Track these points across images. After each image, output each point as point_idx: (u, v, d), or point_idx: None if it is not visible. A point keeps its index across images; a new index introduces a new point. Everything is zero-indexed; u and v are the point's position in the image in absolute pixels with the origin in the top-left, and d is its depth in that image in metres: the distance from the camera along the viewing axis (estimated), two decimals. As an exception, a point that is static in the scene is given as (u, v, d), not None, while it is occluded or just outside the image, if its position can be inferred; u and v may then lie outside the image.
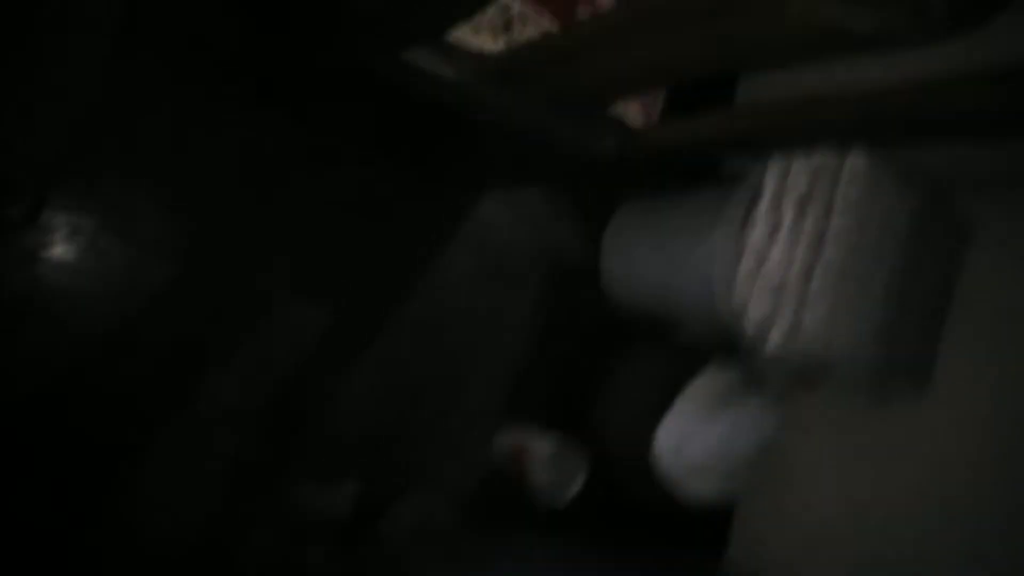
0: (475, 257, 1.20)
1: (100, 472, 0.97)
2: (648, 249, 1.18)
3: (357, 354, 1.13)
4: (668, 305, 1.14)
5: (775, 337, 0.94)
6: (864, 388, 1.02)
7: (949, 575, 0.94)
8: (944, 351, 1.02)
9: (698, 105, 1.03)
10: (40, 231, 0.94)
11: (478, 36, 1.05)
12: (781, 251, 0.95)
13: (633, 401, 1.16)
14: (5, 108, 0.92)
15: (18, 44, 0.92)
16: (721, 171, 1.22)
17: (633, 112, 1.19)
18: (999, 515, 0.92)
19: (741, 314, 0.96)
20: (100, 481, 0.97)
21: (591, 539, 1.17)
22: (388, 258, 1.16)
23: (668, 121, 1.21)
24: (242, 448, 1.04)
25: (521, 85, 0.94)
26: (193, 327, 1.02)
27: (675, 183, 1.21)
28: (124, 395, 0.98)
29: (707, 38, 0.66)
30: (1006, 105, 0.66)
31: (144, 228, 0.99)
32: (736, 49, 0.67)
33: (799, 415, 1.16)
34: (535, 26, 1.12)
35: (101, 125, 0.96)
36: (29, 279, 0.94)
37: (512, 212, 1.22)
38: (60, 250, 0.95)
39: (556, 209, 1.26)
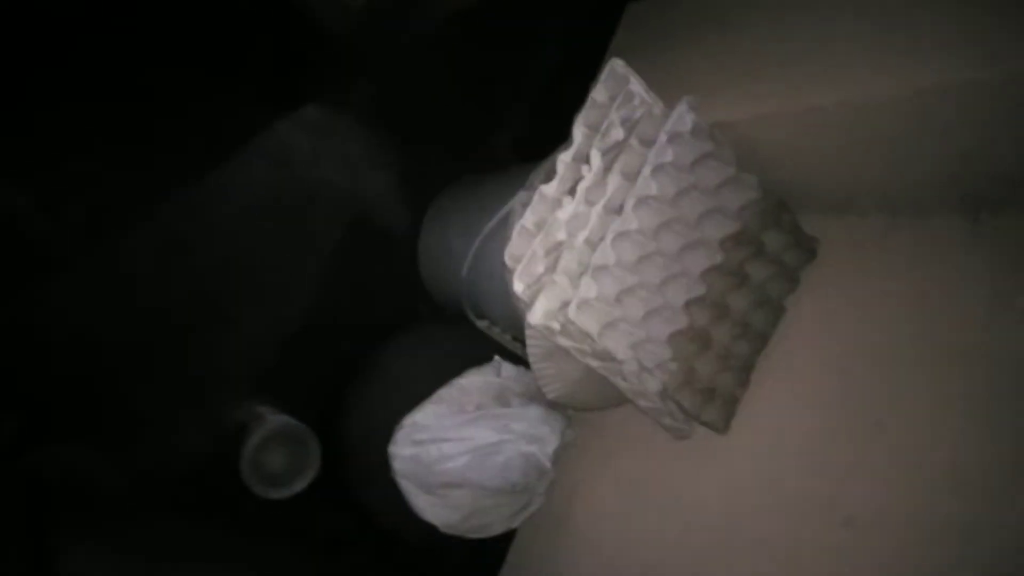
0: (263, 187, 1.00)
1: None
2: (458, 227, 0.99)
3: (76, 265, 0.91)
4: (473, 291, 0.93)
5: (541, 306, 0.73)
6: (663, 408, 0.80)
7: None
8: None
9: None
10: None
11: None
12: (572, 210, 0.76)
13: (390, 392, 0.93)
14: None
15: None
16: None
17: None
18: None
19: (511, 276, 0.75)
20: None
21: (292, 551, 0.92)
22: (149, 159, 0.96)
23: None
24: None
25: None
26: None
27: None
28: None
29: None
30: None
31: None
32: None
33: (597, 435, 0.93)
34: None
35: None
36: None
37: (325, 144, 1.03)
38: None
39: (379, 157, 1.07)
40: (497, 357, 0.92)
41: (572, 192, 0.77)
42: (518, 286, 0.73)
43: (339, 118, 1.04)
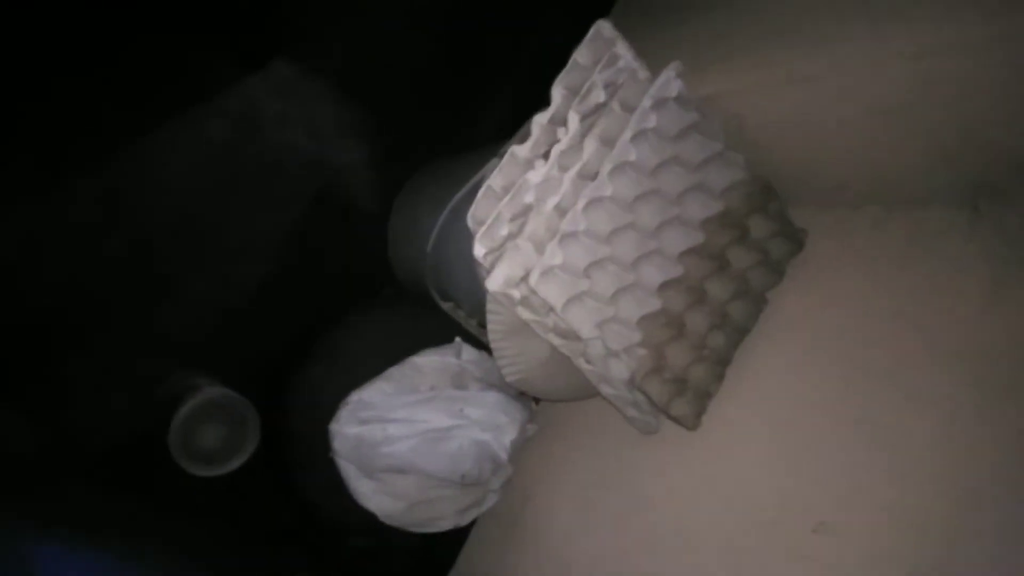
0: (221, 146, 0.94)
1: None
2: (428, 203, 0.93)
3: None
4: (438, 270, 0.87)
5: (502, 271, 0.67)
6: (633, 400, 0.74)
7: None
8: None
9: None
10: None
11: None
12: (544, 173, 0.70)
13: (339, 370, 0.86)
14: None
15: None
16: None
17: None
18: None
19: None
20: None
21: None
22: (98, 109, 0.90)
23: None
24: None
25: None
26: None
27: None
28: None
29: None
30: None
31: None
32: None
33: (560, 430, 0.86)
34: None
35: None
36: None
37: (296, 108, 0.97)
38: None
39: (353, 129, 1.01)
40: (458, 339, 0.86)
41: (546, 157, 0.72)
42: (479, 250, 0.67)
43: (314, 83, 0.98)
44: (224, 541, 0.91)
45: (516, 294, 0.66)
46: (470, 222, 0.69)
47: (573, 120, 0.72)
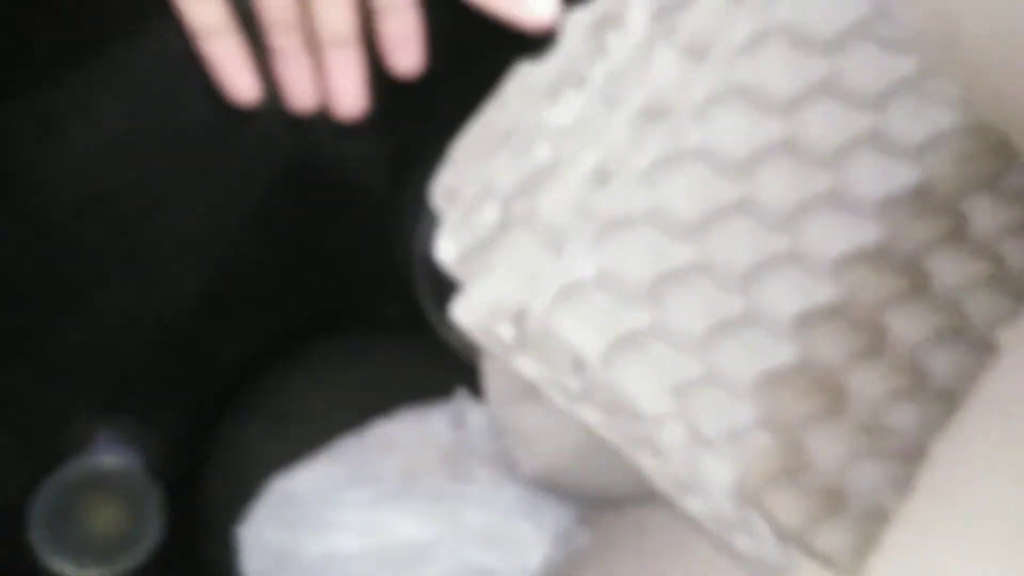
0: (170, 101, 0.67)
1: None
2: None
3: None
4: (437, 271, 0.56)
5: (481, 289, 0.35)
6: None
7: None
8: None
9: None
10: None
11: None
12: (578, 109, 0.38)
13: (278, 427, 0.57)
14: None
15: None
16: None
17: None
18: None
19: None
20: None
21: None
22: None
23: None
24: None
25: None
26: None
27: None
28: None
29: None
30: None
31: None
32: None
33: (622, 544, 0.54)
34: None
35: None
36: None
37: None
38: None
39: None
40: (462, 392, 0.55)
41: (579, 86, 0.40)
42: (445, 246, 0.36)
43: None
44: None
45: (505, 331, 0.34)
46: (436, 196, 0.38)
47: (638, 17, 0.39)
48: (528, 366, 0.35)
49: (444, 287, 0.53)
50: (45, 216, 0.61)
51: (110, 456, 0.58)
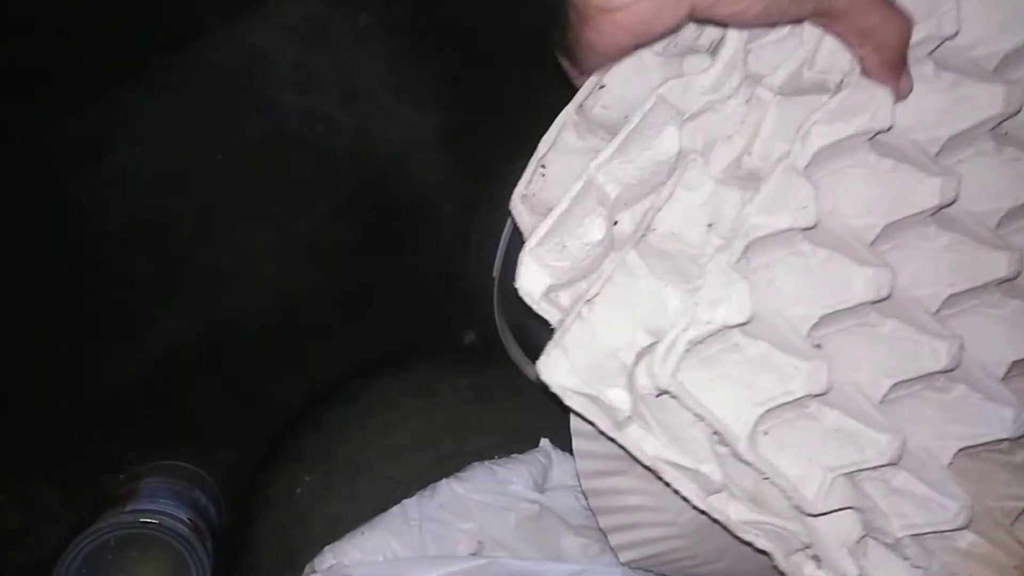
0: (223, 101, 0.59)
1: None
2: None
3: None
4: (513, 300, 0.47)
5: (581, 338, 0.26)
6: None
7: None
8: None
9: None
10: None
11: None
12: (727, 59, 0.28)
13: (334, 479, 0.49)
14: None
15: None
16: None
17: None
18: None
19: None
20: None
21: None
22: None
23: None
24: None
25: None
26: None
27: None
28: None
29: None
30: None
31: None
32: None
33: None
34: None
35: None
36: None
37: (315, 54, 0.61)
38: None
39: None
40: (545, 443, 0.46)
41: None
42: (529, 274, 0.26)
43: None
44: None
45: (616, 398, 0.24)
46: (514, 208, 0.28)
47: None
48: (646, 443, 0.25)
49: (526, 316, 0.44)
50: (95, 247, 0.56)
51: (155, 507, 0.51)
